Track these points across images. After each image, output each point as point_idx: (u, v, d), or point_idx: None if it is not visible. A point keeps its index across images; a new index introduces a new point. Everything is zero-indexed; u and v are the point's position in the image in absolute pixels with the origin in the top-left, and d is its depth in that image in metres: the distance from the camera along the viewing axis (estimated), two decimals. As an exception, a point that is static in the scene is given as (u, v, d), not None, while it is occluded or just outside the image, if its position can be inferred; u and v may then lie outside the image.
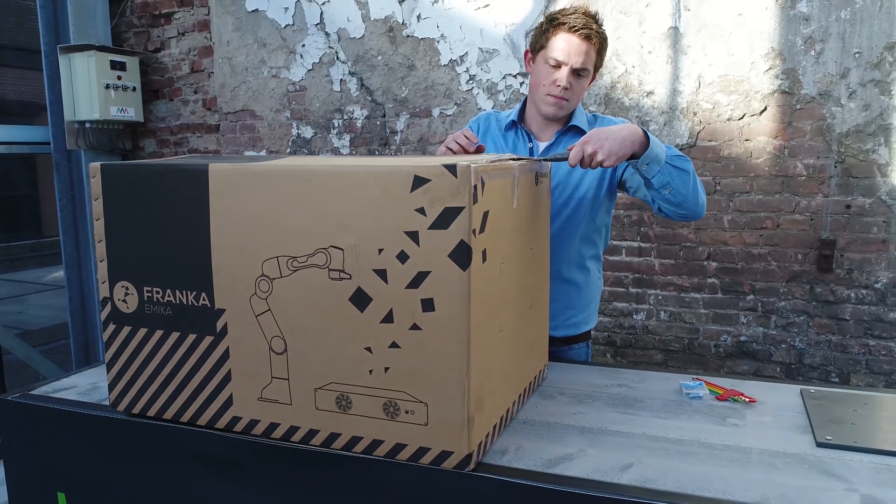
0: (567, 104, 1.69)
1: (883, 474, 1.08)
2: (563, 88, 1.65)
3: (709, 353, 3.01)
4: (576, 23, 1.63)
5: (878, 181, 2.72)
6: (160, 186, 1.25)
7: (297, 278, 1.16)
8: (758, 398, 1.40)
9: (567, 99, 1.67)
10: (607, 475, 1.09)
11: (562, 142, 1.76)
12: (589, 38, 1.63)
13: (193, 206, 1.22)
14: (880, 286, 2.76)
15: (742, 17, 2.81)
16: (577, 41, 1.62)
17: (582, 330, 1.85)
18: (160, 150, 3.91)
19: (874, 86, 2.68)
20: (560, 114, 1.71)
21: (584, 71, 1.65)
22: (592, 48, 1.65)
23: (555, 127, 1.77)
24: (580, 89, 1.69)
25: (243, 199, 1.19)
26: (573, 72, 1.64)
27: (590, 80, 1.72)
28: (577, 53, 1.62)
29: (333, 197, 1.12)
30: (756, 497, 1.02)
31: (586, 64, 1.64)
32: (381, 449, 1.15)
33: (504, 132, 1.80)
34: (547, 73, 1.66)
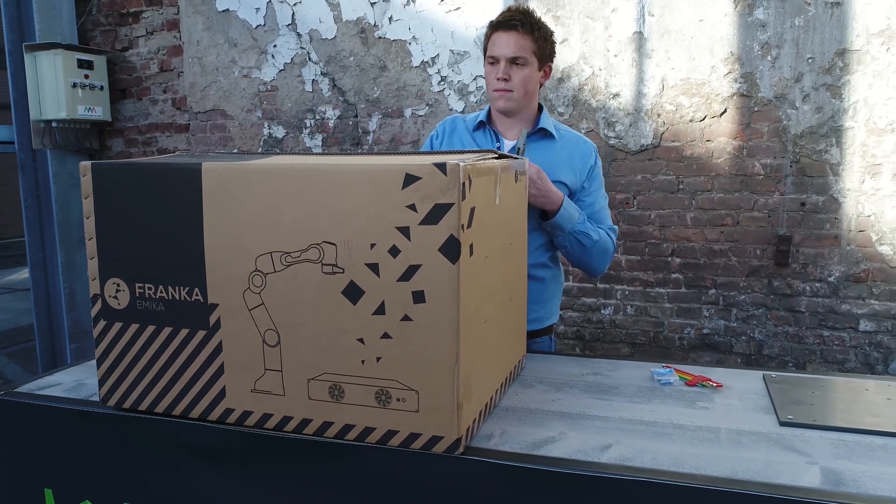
0: (513, 94, 1.79)
1: (840, 449, 1.17)
2: (502, 80, 1.76)
3: (673, 345, 3.13)
4: (503, 19, 1.78)
5: (830, 180, 2.87)
6: (152, 185, 1.28)
7: (291, 273, 1.20)
8: (724, 383, 1.49)
9: (510, 89, 1.78)
10: (588, 455, 1.16)
11: (530, 144, 1.83)
12: (515, 28, 1.75)
13: (186, 204, 1.25)
14: (833, 279, 2.91)
15: (703, 24, 2.93)
16: (505, 34, 1.76)
17: (545, 324, 1.93)
18: (128, 149, 3.88)
19: (826, 90, 2.82)
20: (509, 106, 1.81)
21: (519, 59, 1.76)
22: (522, 37, 1.75)
23: (520, 126, 1.85)
24: (522, 78, 1.78)
25: (236, 196, 1.22)
26: (509, 62, 1.76)
27: (537, 69, 1.81)
28: (507, 45, 1.75)
29: (326, 194, 1.16)
30: (726, 471, 1.09)
31: (518, 52, 1.75)
32: (374, 436, 1.20)
33: (472, 133, 1.89)
34: (490, 72, 1.80)
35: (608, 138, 3.13)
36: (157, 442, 1.34)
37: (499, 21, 1.79)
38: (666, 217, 3.09)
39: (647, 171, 3.10)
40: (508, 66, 1.76)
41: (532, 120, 1.86)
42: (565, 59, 3.12)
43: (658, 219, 3.11)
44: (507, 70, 1.76)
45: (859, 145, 2.81)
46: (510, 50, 1.75)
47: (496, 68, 1.78)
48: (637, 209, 3.14)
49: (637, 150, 3.10)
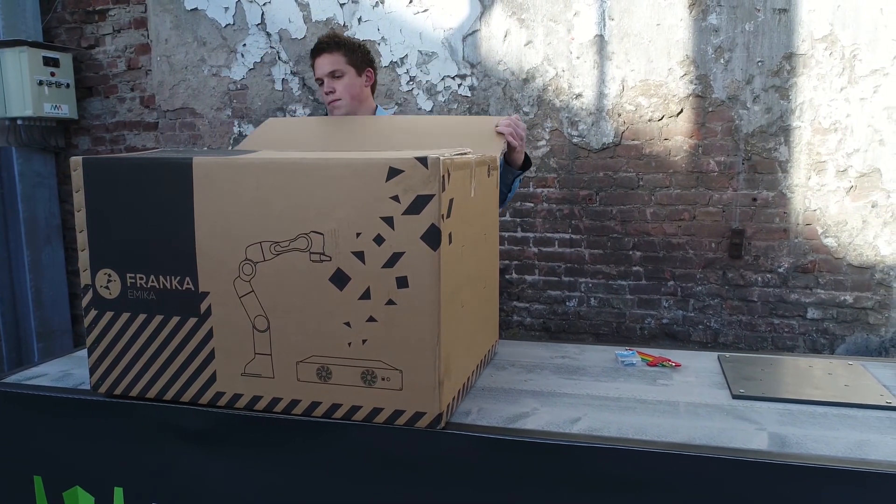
0: (341, 101, 2.10)
1: (785, 417, 1.29)
2: (329, 93, 2.10)
3: (635, 335, 3.27)
4: (315, 47, 2.13)
5: (779, 176, 3.04)
6: (144, 179, 1.33)
7: (280, 261, 1.27)
8: (682, 363, 1.61)
9: (338, 98, 2.09)
10: (560, 427, 1.25)
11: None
12: (324, 50, 2.10)
13: (178, 197, 1.31)
14: (782, 271, 3.08)
15: (660, 28, 3.07)
16: (319, 58, 2.11)
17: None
18: (95, 147, 3.86)
19: (775, 91, 2.99)
20: (342, 112, 2.11)
21: (336, 72, 2.09)
22: (331, 54, 2.09)
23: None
24: (344, 87, 2.10)
25: (226, 189, 1.28)
26: (329, 77, 2.09)
27: (356, 76, 2.12)
28: (322, 65, 2.10)
29: (314, 187, 1.23)
30: (684, 438, 1.20)
31: (333, 66, 2.09)
32: (360, 414, 1.27)
33: None
34: (322, 91, 2.13)
35: (571, 137, 3.25)
36: (149, 427, 1.39)
37: (312, 50, 2.13)
38: (627, 212, 3.23)
39: (608, 169, 3.23)
40: (331, 81, 2.09)
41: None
42: (530, 61, 3.23)
43: (619, 214, 3.24)
44: (330, 84, 2.09)
45: (805, 144, 2.99)
46: (326, 68, 2.09)
47: (323, 85, 2.10)
48: (599, 205, 3.26)
49: (599, 149, 3.22)
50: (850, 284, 3.01)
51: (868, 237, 2.96)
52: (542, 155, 3.29)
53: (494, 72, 3.28)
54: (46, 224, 3.87)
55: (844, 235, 2.99)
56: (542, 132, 3.28)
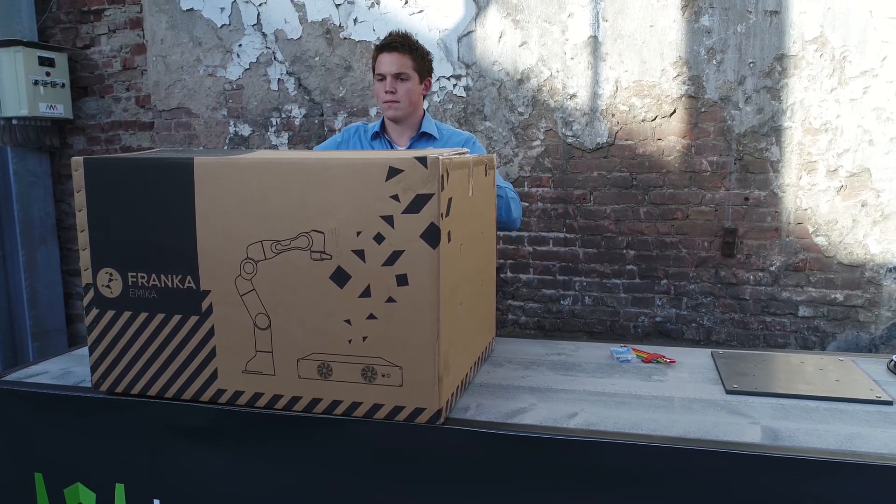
0: (399, 105, 2.09)
1: (778, 411, 1.32)
2: (388, 92, 2.08)
3: (628, 333, 3.30)
4: (385, 42, 2.10)
5: (770, 176, 3.07)
6: (145, 178, 1.34)
7: (281, 260, 1.29)
8: (677, 360, 1.63)
9: (397, 101, 2.08)
10: (558, 422, 1.28)
11: (416, 146, 2.13)
12: (396, 49, 2.07)
13: (179, 197, 1.32)
14: (774, 269, 3.11)
15: (653, 29, 3.10)
16: (388, 54, 2.08)
17: None
18: (90, 147, 3.86)
19: (766, 92, 3.02)
20: (397, 114, 2.11)
21: (402, 74, 2.07)
22: (402, 56, 2.07)
23: (409, 133, 2.16)
24: (405, 91, 2.08)
25: (228, 189, 1.30)
26: (393, 77, 2.07)
27: (419, 83, 2.12)
28: (390, 63, 2.07)
29: (314, 186, 1.25)
30: (679, 432, 1.22)
31: (401, 68, 2.07)
32: (360, 410, 1.29)
33: (371, 141, 2.18)
34: (379, 87, 2.11)
35: (566, 137, 3.27)
36: (150, 424, 1.40)
37: (383, 44, 2.10)
38: (620, 212, 3.26)
39: (602, 169, 3.26)
40: (394, 81, 2.07)
41: (417, 125, 2.17)
42: (525, 62, 3.26)
43: (613, 213, 3.27)
44: (393, 84, 2.07)
45: (796, 144, 3.02)
46: (394, 67, 2.06)
47: (384, 83, 2.08)
48: (593, 204, 3.29)
49: (593, 149, 3.25)
50: (841, 283, 3.04)
51: (858, 236, 3.00)
52: (536, 155, 3.32)
53: (489, 72, 3.31)
54: (41, 224, 3.87)
55: (835, 234, 3.02)
56: (537, 132, 3.30)
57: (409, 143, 2.16)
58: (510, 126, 3.33)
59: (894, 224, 2.95)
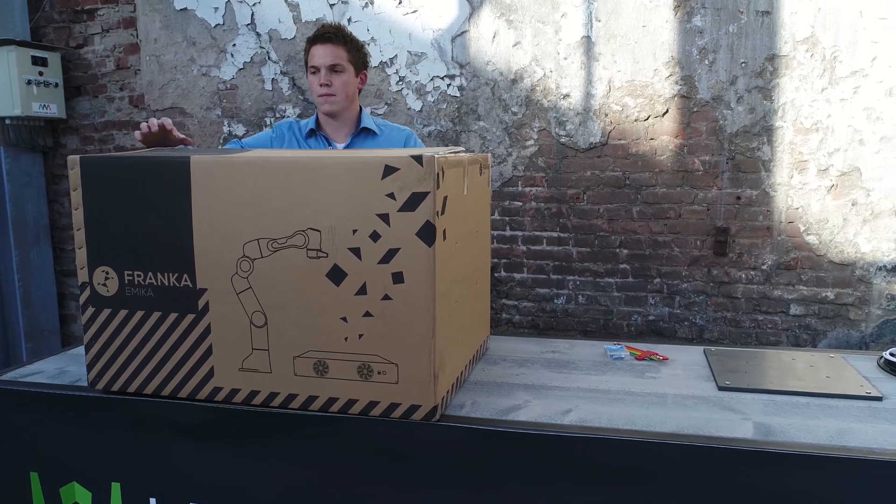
0: (335, 98, 2.02)
1: (769, 407, 1.33)
2: (324, 85, 2.00)
3: (622, 332, 3.32)
4: (318, 33, 2.03)
5: (762, 175, 3.10)
6: (142, 177, 1.34)
7: (277, 258, 1.29)
8: (670, 357, 1.65)
9: (332, 94, 2.01)
10: (552, 418, 1.29)
11: (356, 142, 2.07)
12: (330, 40, 2.00)
13: (175, 195, 1.33)
14: (766, 268, 3.14)
15: (646, 29, 3.12)
16: (322, 46, 2.01)
17: None
18: (83, 147, 3.85)
19: (758, 92, 3.05)
20: (333, 108, 2.03)
21: (337, 66, 2.00)
22: (336, 47, 2.00)
23: (346, 130, 2.09)
24: (341, 84, 2.01)
25: (224, 187, 1.30)
26: (328, 70, 2.00)
27: (354, 76, 2.05)
28: (324, 55, 2.00)
29: (310, 184, 1.26)
30: (672, 428, 1.24)
31: (335, 60, 1.99)
32: (356, 407, 1.30)
33: (306, 140, 2.10)
34: (313, 80, 2.03)
35: (559, 136, 3.29)
36: (146, 422, 1.40)
37: (316, 36, 2.02)
38: (614, 211, 3.28)
39: (595, 168, 3.27)
40: (329, 74, 2.00)
41: (355, 121, 2.10)
42: (518, 62, 3.27)
43: (606, 213, 3.29)
44: (328, 77, 2.00)
45: (788, 143, 3.05)
46: (328, 59, 1.99)
47: (318, 76, 2.01)
48: (587, 203, 3.31)
49: (586, 148, 3.27)
50: (832, 281, 3.07)
51: (849, 234, 3.02)
52: (530, 154, 3.33)
53: (483, 72, 3.32)
54: (35, 224, 3.86)
55: (826, 233, 3.05)
56: (531, 132, 3.32)
57: (348, 141, 2.10)
58: (504, 126, 3.34)
59: (884, 223, 2.98)
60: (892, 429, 1.22)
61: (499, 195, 3.36)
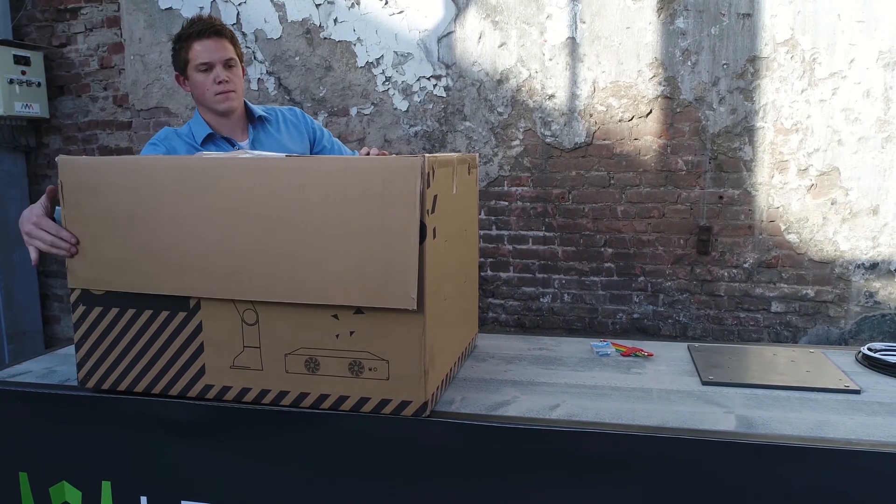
0: (236, 94, 1.87)
1: (751, 400, 1.36)
2: (223, 82, 1.83)
3: (607, 329, 3.35)
4: (202, 27, 1.84)
5: (744, 175, 3.15)
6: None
7: (269, 256, 1.30)
8: (654, 353, 1.67)
9: (233, 90, 1.85)
10: (540, 413, 1.31)
11: (259, 135, 1.94)
12: (220, 34, 1.85)
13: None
14: (748, 266, 3.19)
15: (630, 31, 3.16)
16: (211, 41, 1.83)
17: None
18: (67, 147, 3.82)
19: (739, 93, 3.10)
20: (234, 105, 1.88)
21: (231, 60, 1.85)
22: (223, 41, 1.85)
23: (241, 125, 1.94)
24: (239, 79, 1.89)
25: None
26: (223, 65, 1.84)
27: (242, 70, 1.92)
28: (217, 49, 1.83)
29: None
30: (657, 421, 1.26)
31: (229, 54, 1.85)
32: (347, 404, 1.31)
33: (203, 146, 1.90)
34: (205, 79, 1.85)
35: (545, 137, 3.32)
36: (137, 420, 1.40)
37: (200, 29, 1.83)
38: (598, 210, 3.31)
39: (580, 168, 3.31)
40: (223, 69, 1.84)
41: (245, 115, 1.96)
42: (504, 62, 3.30)
43: (591, 212, 3.32)
44: (224, 73, 1.83)
45: (768, 144, 3.10)
46: (223, 54, 1.83)
47: (211, 74, 1.83)
48: (572, 203, 3.34)
49: (571, 148, 3.30)
50: (812, 279, 3.13)
51: (828, 233, 3.08)
52: (516, 154, 3.36)
53: (469, 73, 3.34)
54: (17, 224, 3.81)
55: (806, 232, 3.11)
56: (516, 132, 3.34)
57: (250, 136, 1.95)
58: (490, 126, 3.36)
59: (862, 221, 3.04)
60: (869, 420, 1.25)
61: (485, 195, 3.39)
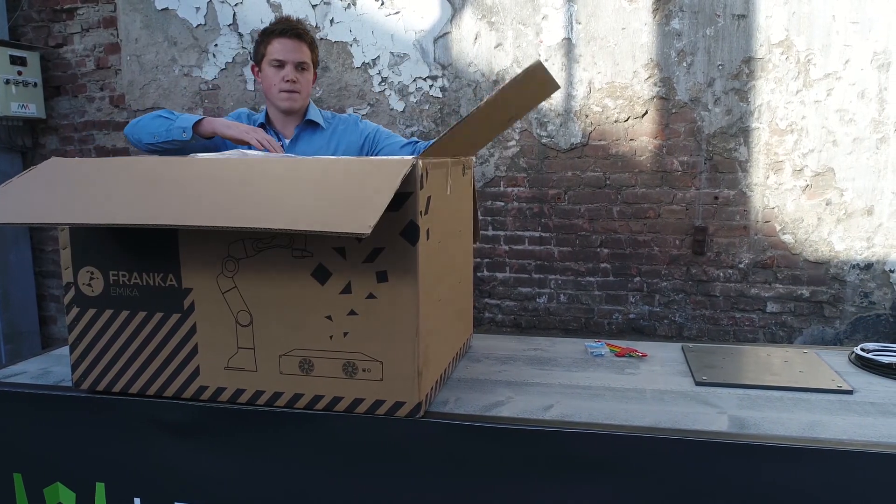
0: (300, 96, 1.97)
1: (744, 401, 1.37)
2: (290, 82, 1.93)
3: (603, 330, 3.36)
4: (285, 27, 1.96)
5: (739, 175, 3.15)
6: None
7: (262, 258, 1.30)
8: (648, 354, 1.68)
9: (298, 91, 1.96)
10: (534, 414, 1.31)
11: (302, 136, 2.04)
12: (300, 37, 1.95)
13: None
14: (743, 266, 3.19)
15: (625, 32, 3.16)
16: (291, 41, 1.94)
17: None
18: (63, 147, 3.82)
19: (735, 94, 3.11)
20: (295, 106, 1.99)
21: (304, 64, 1.96)
22: (304, 45, 1.96)
23: (293, 123, 2.05)
24: (306, 82, 1.98)
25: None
26: (295, 67, 1.95)
27: (312, 75, 2.02)
28: (294, 51, 1.94)
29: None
30: (651, 422, 1.27)
31: (303, 57, 1.96)
32: (341, 405, 1.31)
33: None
34: (275, 74, 1.96)
35: (541, 137, 3.32)
36: (131, 422, 1.41)
37: (283, 28, 1.94)
38: (594, 211, 3.32)
39: (576, 168, 3.31)
40: (295, 70, 1.95)
41: (303, 115, 2.06)
42: (500, 63, 3.30)
43: (587, 212, 3.33)
44: (294, 73, 1.95)
45: (764, 144, 3.11)
46: (297, 56, 1.94)
47: (282, 71, 1.94)
48: (568, 203, 3.35)
49: (567, 149, 3.31)
50: (807, 279, 3.14)
51: (823, 233, 3.09)
52: (512, 155, 3.36)
53: (465, 73, 3.34)
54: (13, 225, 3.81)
55: (801, 232, 3.11)
56: (513, 132, 3.35)
57: (294, 133, 2.05)
58: (486, 126, 3.36)
59: (857, 222, 3.05)
60: (861, 421, 1.26)
61: (481, 195, 3.39)
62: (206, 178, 1.31)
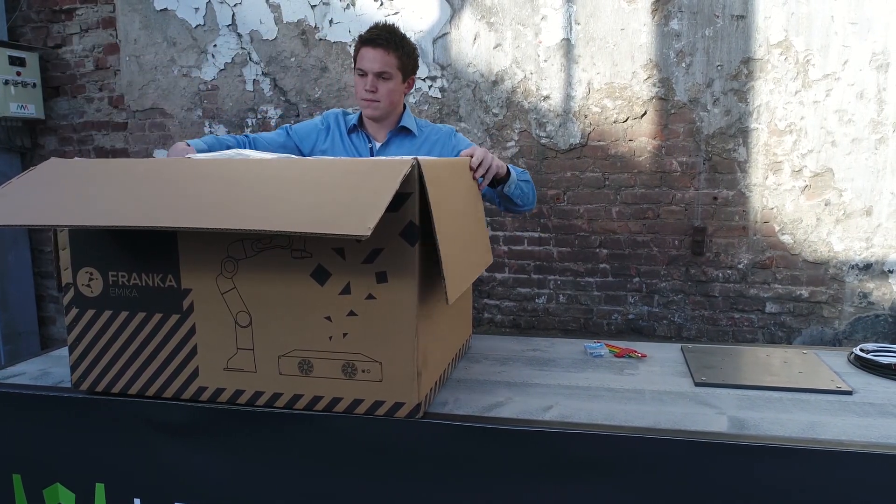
0: (378, 105, 1.98)
1: (743, 402, 1.37)
2: (369, 91, 1.96)
3: (602, 330, 3.36)
4: (370, 36, 1.96)
5: (738, 176, 3.16)
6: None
7: (262, 258, 1.30)
8: (648, 354, 1.68)
9: (376, 100, 1.97)
10: (533, 415, 1.31)
11: (394, 141, 2.06)
12: (381, 45, 1.93)
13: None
14: (742, 266, 3.20)
15: (624, 32, 3.16)
16: (372, 50, 1.94)
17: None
18: (62, 147, 3.82)
19: (733, 94, 3.11)
20: (376, 114, 2.00)
21: (385, 73, 1.95)
22: (387, 54, 1.94)
23: (387, 128, 2.07)
24: (387, 91, 1.97)
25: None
26: (375, 76, 1.95)
27: (401, 82, 2.00)
28: (373, 60, 1.94)
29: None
30: (650, 422, 1.27)
31: (384, 67, 1.94)
32: (341, 405, 1.31)
33: (348, 134, 2.09)
34: (359, 83, 1.99)
35: (540, 138, 3.32)
36: (131, 423, 1.41)
37: (368, 38, 1.96)
38: (593, 211, 3.32)
39: (575, 169, 3.32)
40: (375, 80, 1.95)
41: (397, 121, 2.08)
42: (499, 63, 3.30)
43: (586, 213, 3.33)
44: (374, 83, 1.95)
45: (762, 145, 3.11)
46: (377, 65, 1.93)
47: (365, 80, 1.97)
48: (567, 204, 3.35)
49: (566, 149, 3.31)
50: (806, 279, 3.14)
51: (822, 234, 3.09)
52: (511, 155, 3.36)
53: (464, 74, 3.35)
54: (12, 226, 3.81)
55: (800, 232, 3.12)
56: (512, 133, 3.35)
57: (387, 138, 2.08)
58: (485, 127, 3.37)
59: (856, 222, 3.05)
60: (860, 422, 1.26)
61: (480, 196, 3.39)
62: (205, 179, 1.31)
